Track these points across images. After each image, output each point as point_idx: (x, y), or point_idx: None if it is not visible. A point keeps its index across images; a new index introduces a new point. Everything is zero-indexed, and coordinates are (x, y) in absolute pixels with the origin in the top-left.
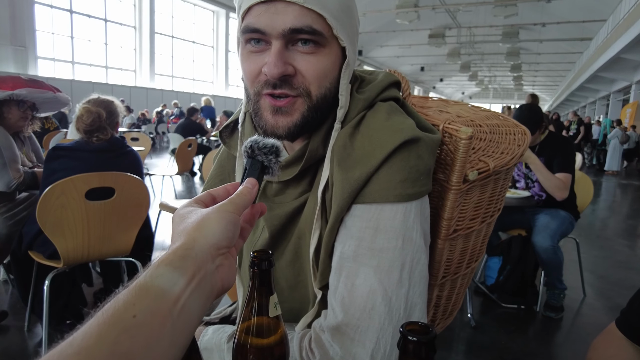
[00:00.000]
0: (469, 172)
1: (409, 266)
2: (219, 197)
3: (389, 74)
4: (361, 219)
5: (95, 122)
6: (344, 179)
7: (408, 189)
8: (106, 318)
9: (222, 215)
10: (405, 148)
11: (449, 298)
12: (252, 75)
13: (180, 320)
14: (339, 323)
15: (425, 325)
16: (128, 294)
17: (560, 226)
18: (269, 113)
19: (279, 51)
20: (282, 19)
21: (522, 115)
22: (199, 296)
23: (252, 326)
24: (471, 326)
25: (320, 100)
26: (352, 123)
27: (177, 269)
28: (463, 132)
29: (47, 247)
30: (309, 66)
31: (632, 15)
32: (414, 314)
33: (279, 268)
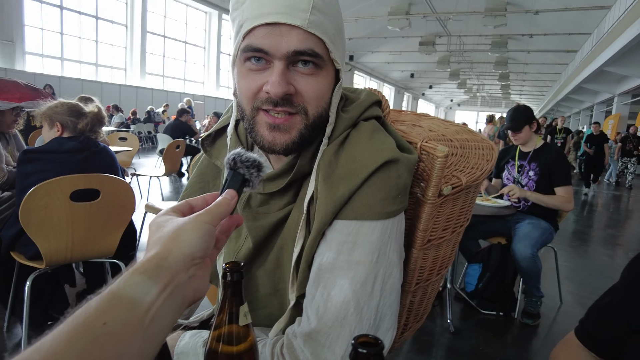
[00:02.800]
0: (444, 187)
1: (381, 279)
2: (197, 207)
3: (371, 93)
4: (341, 233)
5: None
6: (328, 195)
7: (387, 207)
8: (76, 325)
9: (198, 225)
10: (386, 168)
11: (420, 303)
12: (250, 92)
13: (151, 330)
14: (311, 330)
15: (375, 338)
16: (100, 301)
17: (541, 236)
18: (266, 129)
19: (282, 71)
20: (286, 42)
21: (515, 114)
22: (170, 306)
23: (223, 334)
24: (450, 332)
25: (316, 118)
26: (338, 141)
27: (151, 278)
28: (440, 150)
29: (29, 248)
30: (308, 87)
31: (615, 30)
32: (383, 325)
33: (260, 276)
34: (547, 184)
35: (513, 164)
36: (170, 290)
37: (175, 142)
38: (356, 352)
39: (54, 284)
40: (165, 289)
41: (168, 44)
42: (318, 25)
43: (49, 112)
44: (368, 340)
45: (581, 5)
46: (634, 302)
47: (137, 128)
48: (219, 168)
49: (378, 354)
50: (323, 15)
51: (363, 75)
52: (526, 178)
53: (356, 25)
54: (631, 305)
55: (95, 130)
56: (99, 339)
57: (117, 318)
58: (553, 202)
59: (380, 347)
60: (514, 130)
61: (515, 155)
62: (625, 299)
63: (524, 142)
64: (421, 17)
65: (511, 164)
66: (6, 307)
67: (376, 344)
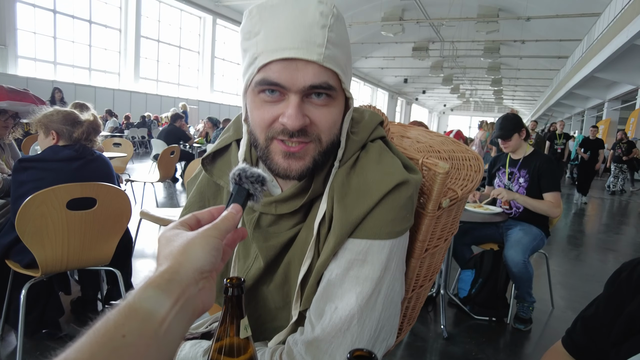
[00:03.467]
0: (443, 201)
1: (384, 294)
2: (203, 220)
3: (374, 114)
4: (351, 251)
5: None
6: (343, 217)
7: (396, 227)
8: (97, 337)
9: (206, 240)
10: (397, 190)
11: (413, 308)
12: (265, 123)
13: (165, 340)
14: (314, 338)
15: (369, 352)
16: (118, 314)
17: (532, 242)
18: (281, 157)
19: (298, 104)
20: (302, 76)
21: (504, 122)
22: (182, 317)
23: (225, 346)
24: (444, 337)
25: (329, 145)
26: (349, 163)
27: (164, 292)
28: (441, 167)
29: (24, 256)
30: (322, 117)
31: (604, 37)
32: (381, 335)
33: (270, 291)
34: (537, 190)
35: (504, 171)
36: (182, 303)
37: (169, 148)
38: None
39: (48, 292)
40: (177, 302)
41: (162, 48)
42: (332, 59)
43: (45, 120)
44: (362, 354)
45: (571, 13)
46: (616, 314)
47: (130, 133)
48: (219, 186)
49: None
50: (336, 48)
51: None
52: (517, 185)
53: (350, 30)
54: (613, 317)
55: (90, 139)
56: (119, 350)
57: (135, 330)
58: (541, 206)
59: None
60: (503, 139)
61: (506, 163)
62: (607, 311)
63: (513, 150)
64: (414, 23)
65: (502, 171)
66: (0, 316)
67: (370, 357)
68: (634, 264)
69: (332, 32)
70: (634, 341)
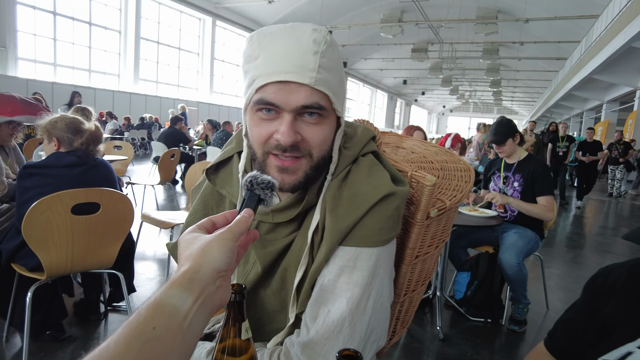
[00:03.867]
0: (431, 210)
1: (373, 299)
2: (218, 224)
3: (367, 129)
4: (342, 258)
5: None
6: (334, 226)
7: (384, 236)
8: (131, 330)
9: (222, 243)
10: (384, 201)
11: (407, 311)
12: (262, 139)
13: (188, 333)
14: (309, 340)
15: (355, 351)
16: (147, 310)
17: (526, 245)
18: (275, 171)
19: (291, 122)
20: (295, 98)
21: (498, 127)
22: (202, 313)
23: (227, 346)
24: (440, 338)
25: (320, 160)
26: (341, 176)
27: (186, 290)
28: (428, 180)
29: (29, 260)
30: (313, 135)
31: (603, 39)
32: (372, 337)
33: (268, 295)
34: (531, 194)
35: (499, 175)
36: (202, 300)
37: (170, 151)
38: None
39: (52, 295)
40: (198, 299)
41: (162, 50)
42: (323, 82)
43: (49, 126)
44: (349, 353)
45: (570, 14)
46: (591, 318)
47: (130, 135)
48: (222, 195)
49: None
50: (328, 72)
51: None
52: (511, 189)
53: (349, 32)
54: (589, 322)
55: (90, 149)
56: (151, 341)
57: (163, 324)
58: (534, 209)
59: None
60: (497, 144)
61: (501, 167)
62: (584, 315)
63: (508, 155)
64: (413, 25)
65: (497, 175)
66: (5, 318)
67: (356, 357)
68: (609, 269)
69: (324, 58)
70: (607, 342)
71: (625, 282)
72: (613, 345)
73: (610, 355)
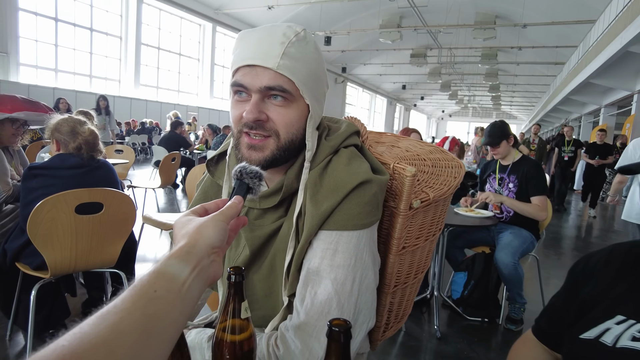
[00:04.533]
0: (414, 201)
1: (358, 280)
2: (210, 210)
3: (351, 124)
4: (324, 241)
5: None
6: (314, 211)
7: (362, 220)
8: (136, 291)
9: (215, 223)
10: (361, 187)
11: (400, 304)
12: (235, 118)
13: (187, 297)
14: (300, 322)
15: (344, 321)
16: (149, 277)
17: (522, 245)
18: (245, 148)
19: (256, 102)
20: (260, 79)
21: (492, 130)
22: (198, 282)
23: (228, 326)
24: (437, 337)
25: (287, 142)
26: (322, 165)
27: (183, 261)
28: (408, 170)
29: (34, 259)
30: (278, 116)
31: (600, 43)
32: (360, 317)
33: (256, 280)
34: (526, 194)
35: (494, 176)
36: (198, 270)
37: (171, 154)
38: (331, 331)
39: (55, 293)
40: (194, 269)
41: (162, 55)
42: (287, 68)
43: (52, 127)
44: (340, 322)
45: (567, 19)
46: (571, 301)
47: (132, 139)
48: (220, 186)
49: (347, 332)
50: (294, 60)
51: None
52: (506, 190)
53: (348, 38)
54: (569, 303)
55: (86, 151)
56: (153, 300)
57: (163, 287)
58: (527, 209)
59: (348, 326)
60: (492, 146)
61: (496, 169)
62: (566, 300)
63: (502, 156)
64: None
65: (492, 177)
66: (9, 317)
67: (346, 324)
68: (590, 255)
69: (292, 48)
70: (584, 321)
71: (604, 264)
72: (591, 324)
73: (590, 333)
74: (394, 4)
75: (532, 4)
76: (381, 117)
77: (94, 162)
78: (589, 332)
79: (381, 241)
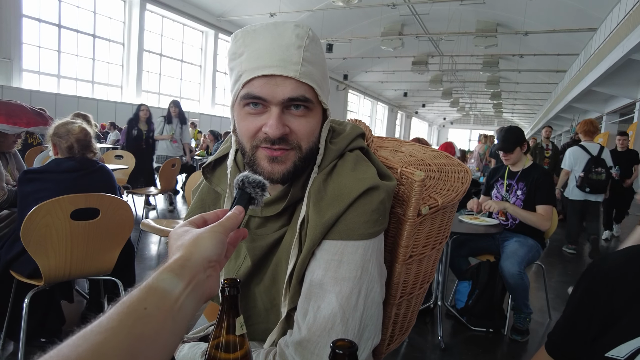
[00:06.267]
0: (422, 208)
1: (364, 294)
2: (209, 220)
3: (355, 126)
4: (328, 252)
5: (88, 138)
6: (317, 219)
7: (369, 229)
8: (124, 308)
9: (213, 235)
10: (368, 194)
11: (405, 316)
12: (250, 133)
13: (179, 316)
14: (302, 339)
15: (349, 342)
16: (139, 292)
17: (527, 253)
18: (266, 162)
19: (279, 116)
20: (281, 90)
21: (507, 135)
22: (192, 298)
23: (221, 343)
24: (441, 348)
25: (308, 151)
26: (326, 170)
27: (177, 276)
28: (417, 175)
29: (27, 266)
30: (301, 127)
31: (601, 51)
32: (365, 334)
33: (258, 292)
34: (534, 203)
35: (502, 182)
36: (193, 286)
37: (170, 160)
38: (334, 353)
39: (49, 301)
40: (189, 284)
41: (164, 62)
42: (308, 75)
43: (51, 131)
44: (344, 343)
45: (568, 28)
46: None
47: None
48: (219, 193)
49: (352, 355)
50: (311, 65)
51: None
52: (514, 197)
53: (350, 45)
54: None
55: (80, 151)
56: (142, 319)
57: (154, 304)
58: (530, 217)
59: (354, 349)
60: (505, 152)
61: (505, 175)
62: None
63: (513, 163)
64: (414, 38)
65: (500, 183)
66: (2, 326)
67: (350, 346)
68: (603, 258)
69: (308, 52)
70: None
71: (624, 270)
72: (617, 341)
73: (618, 351)
74: (396, 12)
75: (534, 12)
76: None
77: (90, 166)
78: (616, 350)
79: (387, 250)
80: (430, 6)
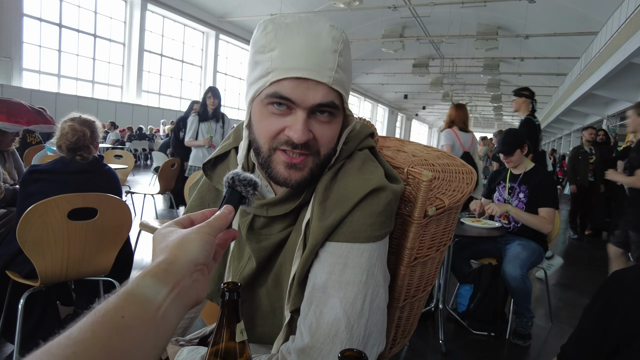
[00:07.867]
0: (429, 209)
1: (369, 299)
2: (196, 221)
3: (365, 126)
4: (333, 254)
5: (80, 141)
6: (321, 218)
7: (375, 232)
8: (98, 317)
9: (200, 236)
10: (375, 195)
11: (407, 319)
12: (271, 133)
13: (162, 325)
14: (305, 346)
15: (358, 351)
16: (117, 299)
17: (530, 257)
18: (283, 167)
19: (305, 121)
20: (312, 95)
21: (506, 137)
22: (177, 305)
23: (221, 350)
24: (442, 352)
25: (325, 157)
26: (334, 169)
27: (160, 281)
28: (425, 175)
29: (24, 267)
30: (324, 133)
31: (602, 55)
32: (370, 341)
33: (262, 294)
34: (536, 205)
35: (504, 185)
36: (177, 292)
37: (170, 160)
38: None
39: (46, 302)
40: (173, 290)
41: (165, 62)
42: (339, 81)
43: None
44: (352, 354)
45: (569, 31)
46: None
47: (132, 145)
48: (219, 191)
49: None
50: (343, 71)
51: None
52: (516, 200)
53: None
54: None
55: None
56: (119, 329)
57: (133, 313)
58: (532, 220)
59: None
60: (506, 154)
61: (507, 178)
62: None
63: (515, 165)
64: (414, 40)
65: (502, 186)
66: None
67: (360, 357)
68: (620, 275)
69: (342, 57)
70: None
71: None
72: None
73: None
74: (397, 14)
75: (534, 16)
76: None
77: (97, 168)
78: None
79: (391, 252)
80: (431, 9)
